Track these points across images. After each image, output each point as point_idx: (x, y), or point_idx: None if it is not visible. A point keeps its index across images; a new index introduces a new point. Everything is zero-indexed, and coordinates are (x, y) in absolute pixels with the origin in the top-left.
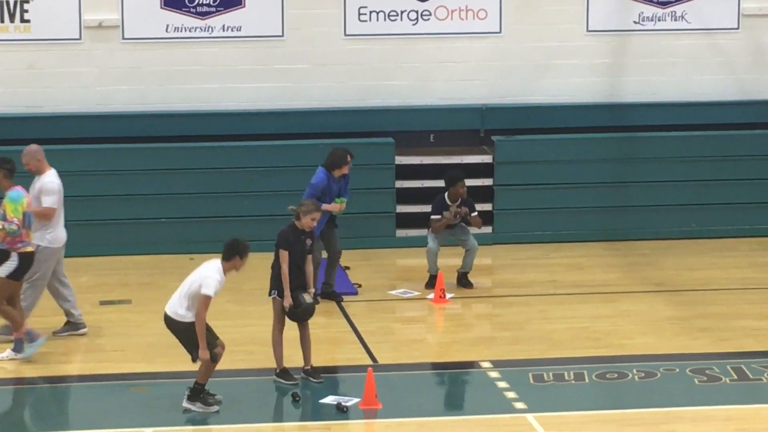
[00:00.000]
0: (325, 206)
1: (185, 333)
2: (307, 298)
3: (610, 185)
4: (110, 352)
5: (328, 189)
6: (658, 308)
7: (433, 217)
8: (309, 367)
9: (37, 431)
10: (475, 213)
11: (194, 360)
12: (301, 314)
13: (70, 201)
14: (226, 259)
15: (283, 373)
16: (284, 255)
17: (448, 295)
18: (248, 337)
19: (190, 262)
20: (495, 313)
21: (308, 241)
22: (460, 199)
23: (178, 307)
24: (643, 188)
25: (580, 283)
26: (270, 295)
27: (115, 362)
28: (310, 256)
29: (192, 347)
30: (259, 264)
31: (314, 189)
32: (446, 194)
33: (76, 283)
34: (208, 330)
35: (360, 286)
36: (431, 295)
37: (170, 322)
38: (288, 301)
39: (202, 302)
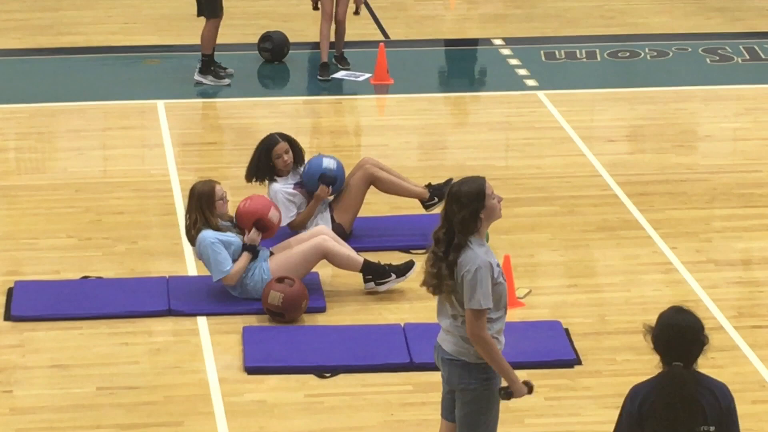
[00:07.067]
0: None
1: None
2: None
3: None
4: (122, 24)
5: None
6: None
7: None
8: (339, 54)
9: (49, 101)
10: None
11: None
12: None
13: None
14: None
15: (323, 66)
16: None
17: None
18: (260, 12)
19: None
20: None
21: None
22: None
23: None
24: None
25: None
26: None
27: (127, 34)
28: None
29: None
30: None
31: None
32: None
33: None
34: None
35: None
36: None
37: None
38: None
39: None
